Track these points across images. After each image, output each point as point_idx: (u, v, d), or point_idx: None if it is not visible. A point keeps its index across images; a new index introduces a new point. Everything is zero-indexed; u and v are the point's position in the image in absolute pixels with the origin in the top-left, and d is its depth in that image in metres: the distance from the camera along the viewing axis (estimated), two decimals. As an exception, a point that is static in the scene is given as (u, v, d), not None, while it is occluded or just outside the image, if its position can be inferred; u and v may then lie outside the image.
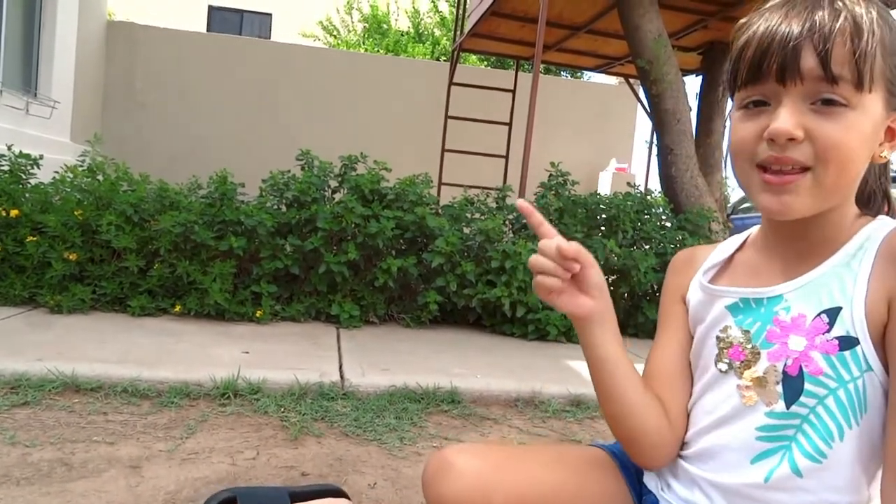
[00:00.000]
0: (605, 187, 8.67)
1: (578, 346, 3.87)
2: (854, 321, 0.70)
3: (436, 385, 2.62)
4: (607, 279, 4.06)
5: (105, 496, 1.64)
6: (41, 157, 3.88)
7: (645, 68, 4.85)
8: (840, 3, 0.70)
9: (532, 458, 0.89)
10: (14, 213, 3.43)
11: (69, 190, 3.66)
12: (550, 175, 4.28)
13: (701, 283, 0.87)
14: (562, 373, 3.06)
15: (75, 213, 3.48)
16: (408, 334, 3.66)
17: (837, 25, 0.68)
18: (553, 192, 4.18)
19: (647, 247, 4.19)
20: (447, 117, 7.14)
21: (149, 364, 2.55)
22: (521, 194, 4.64)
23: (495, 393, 2.68)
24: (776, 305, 0.76)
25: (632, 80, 7.71)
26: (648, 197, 4.50)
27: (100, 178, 3.74)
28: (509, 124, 7.16)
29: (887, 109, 0.72)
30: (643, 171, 8.69)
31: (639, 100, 7.44)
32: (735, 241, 0.90)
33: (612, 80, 9.78)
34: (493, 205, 4.38)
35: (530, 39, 6.58)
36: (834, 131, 0.68)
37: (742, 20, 0.76)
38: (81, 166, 3.80)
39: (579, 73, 12.95)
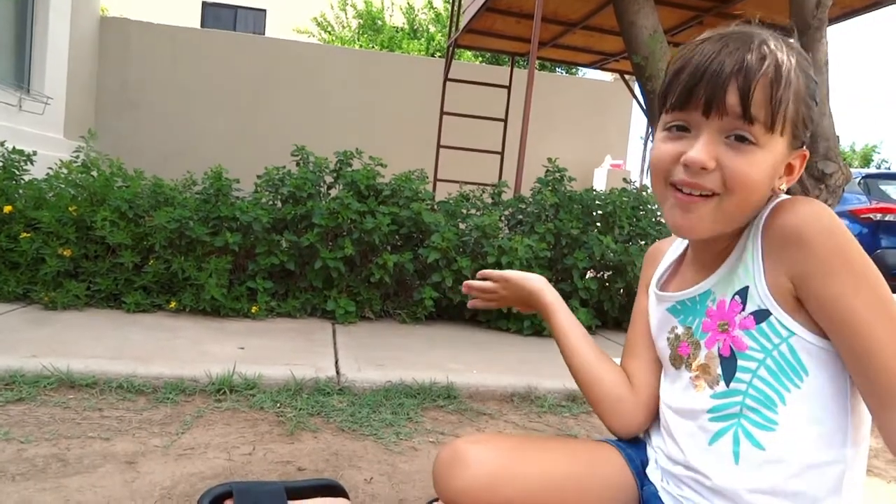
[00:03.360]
0: (600, 184, 8.68)
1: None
2: (760, 295, 0.77)
3: (432, 380, 2.63)
4: (604, 275, 4.08)
5: (101, 491, 1.64)
6: (34, 153, 3.86)
7: (640, 64, 4.85)
8: (766, 49, 0.75)
9: (541, 451, 0.91)
10: (7, 209, 3.41)
11: (63, 186, 3.64)
12: (547, 171, 4.28)
13: (654, 289, 0.98)
14: (557, 368, 3.06)
15: (69, 209, 3.46)
16: (404, 330, 3.65)
17: (762, 70, 0.74)
18: (550, 188, 4.18)
19: (642, 242, 4.20)
20: (442, 113, 7.13)
21: (144, 360, 2.55)
22: (517, 190, 4.65)
23: (491, 388, 2.69)
24: (707, 299, 0.85)
25: (627, 77, 7.72)
26: (644, 193, 4.50)
27: (94, 173, 3.72)
28: (504, 120, 7.15)
29: (790, 149, 0.79)
30: (638, 168, 8.72)
31: (634, 96, 7.45)
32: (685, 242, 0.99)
33: (608, 77, 9.79)
34: (489, 201, 4.38)
35: (525, 36, 6.58)
36: (742, 165, 0.76)
37: (679, 48, 0.82)
38: (75, 162, 3.78)
39: (575, 70, 12.96)
